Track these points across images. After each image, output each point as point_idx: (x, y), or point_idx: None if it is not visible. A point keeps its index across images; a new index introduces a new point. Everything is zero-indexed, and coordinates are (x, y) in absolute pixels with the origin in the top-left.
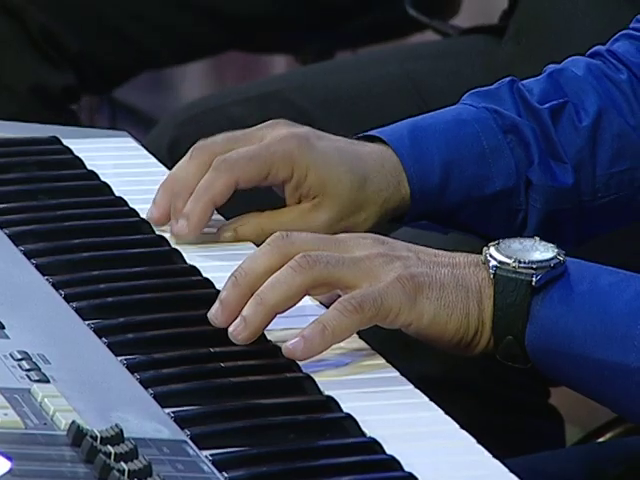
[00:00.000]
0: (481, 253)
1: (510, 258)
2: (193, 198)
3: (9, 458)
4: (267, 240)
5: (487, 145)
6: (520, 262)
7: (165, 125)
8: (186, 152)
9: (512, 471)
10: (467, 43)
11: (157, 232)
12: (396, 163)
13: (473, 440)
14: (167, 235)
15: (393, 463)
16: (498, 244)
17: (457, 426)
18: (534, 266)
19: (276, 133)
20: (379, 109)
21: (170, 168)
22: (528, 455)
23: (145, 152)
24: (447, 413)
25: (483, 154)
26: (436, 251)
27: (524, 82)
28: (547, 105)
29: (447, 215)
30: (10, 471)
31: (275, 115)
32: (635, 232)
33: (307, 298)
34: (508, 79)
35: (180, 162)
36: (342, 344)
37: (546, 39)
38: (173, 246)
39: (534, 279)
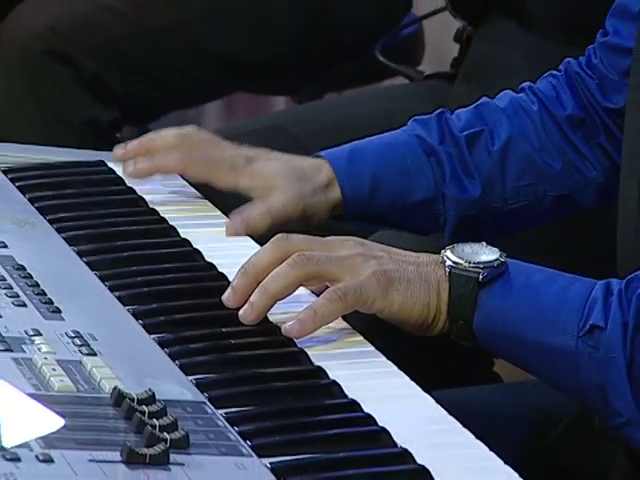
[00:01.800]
0: (440, 254)
1: (462, 259)
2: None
3: (63, 416)
4: (271, 240)
5: (411, 164)
6: (470, 262)
7: None
8: None
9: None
10: (428, 86)
11: (182, 236)
12: (331, 173)
13: (432, 400)
14: (190, 237)
15: (369, 419)
16: (453, 248)
17: (420, 389)
18: (481, 266)
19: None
20: (359, 139)
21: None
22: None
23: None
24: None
25: (407, 171)
26: (404, 252)
27: (458, 111)
28: (465, 132)
29: (378, 217)
30: (64, 426)
31: (277, 143)
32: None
33: (301, 288)
34: (439, 110)
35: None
36: (329, 325)
37: (490, 82)
38: (195, 247)
39: (481, 276)
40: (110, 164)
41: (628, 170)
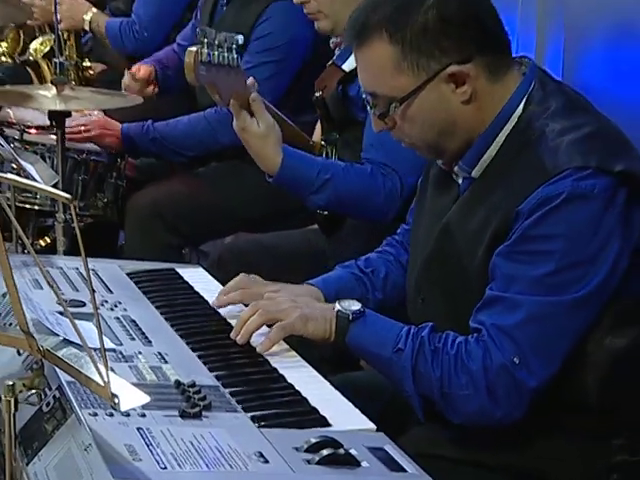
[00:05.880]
0: (334, 304)
1: (343, 308)
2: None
3: (150, 394)
4: (250, 304)
5: (350, 286)
6: (346, 309)
7: (213, 259)
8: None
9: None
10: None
11: (210, 305)
12: (318, 291)
13: (328, 383)
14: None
15: (297, 393)
16: (339, 301)
17: (322, 377)
18: (351, 311)
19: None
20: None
21: (217, 278)
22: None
23: (209, 276)
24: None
25: (350, 290)
26: (317, 302)
27: (365, 257)
28: (369, 269)
29: None
30: (151, 399)
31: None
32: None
33: (264, 327)
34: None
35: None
36: (278, 345)
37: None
38: (211, 306)
39: (350, 317)
40: (177, 270)
41: (410, 272)
